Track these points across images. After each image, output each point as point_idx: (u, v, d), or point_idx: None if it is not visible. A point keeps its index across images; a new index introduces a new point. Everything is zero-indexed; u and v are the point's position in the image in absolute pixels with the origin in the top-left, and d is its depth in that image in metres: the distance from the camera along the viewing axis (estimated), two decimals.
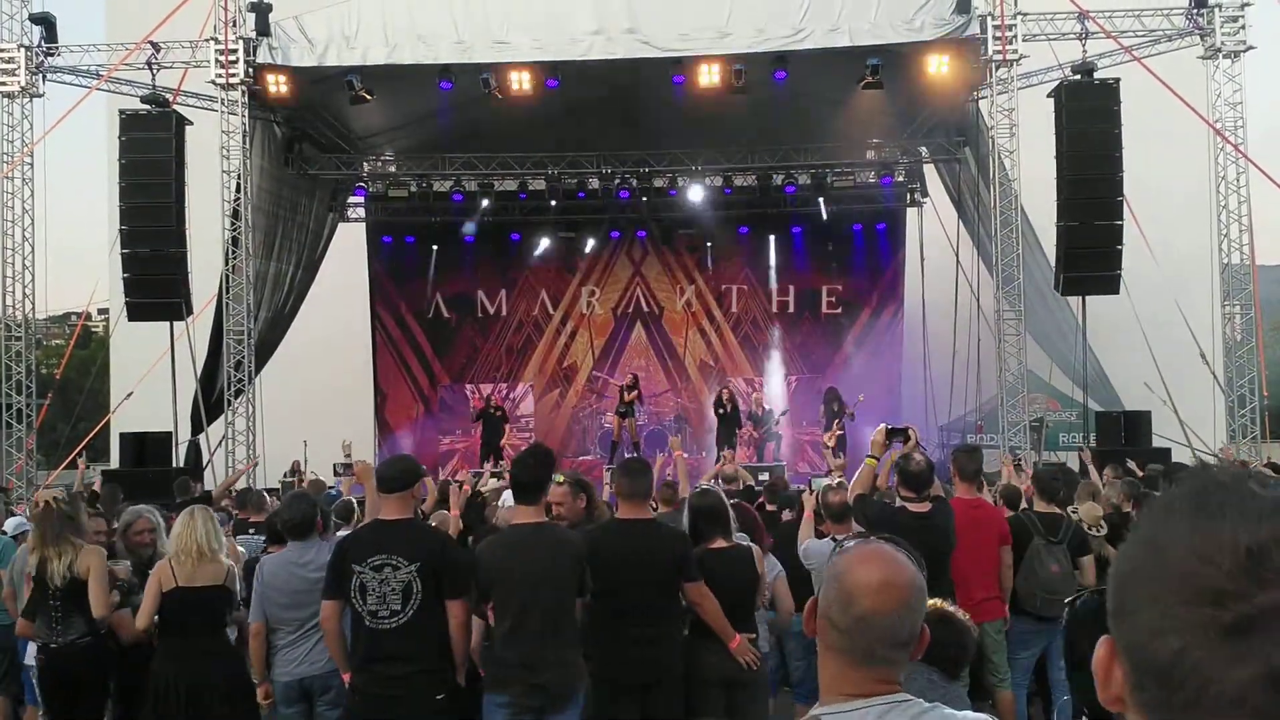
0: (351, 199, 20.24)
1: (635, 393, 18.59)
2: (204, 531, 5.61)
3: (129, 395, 16.80)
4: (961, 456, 7.07)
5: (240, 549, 7.14)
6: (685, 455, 9.28)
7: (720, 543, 5.62)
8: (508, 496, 9.21)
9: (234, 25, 14.58)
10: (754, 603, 5.74)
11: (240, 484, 11.77)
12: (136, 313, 15.22)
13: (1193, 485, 0.90)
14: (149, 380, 15.93)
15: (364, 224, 20.80)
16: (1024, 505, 7.54)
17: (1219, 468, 0.92)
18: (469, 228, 19.91)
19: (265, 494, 10.09)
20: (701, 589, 5.22)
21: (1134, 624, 0.86)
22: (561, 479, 5.69)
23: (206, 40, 14.76)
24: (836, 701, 1.84)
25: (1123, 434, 14.64)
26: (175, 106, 15.08)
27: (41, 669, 6.00)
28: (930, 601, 2.16)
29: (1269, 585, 0.80)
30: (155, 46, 14.98)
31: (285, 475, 15.59)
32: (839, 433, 17.40)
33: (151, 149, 14.65)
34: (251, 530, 8.27)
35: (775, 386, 21.04)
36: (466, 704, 5.09)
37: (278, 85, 14.78)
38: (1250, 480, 0.88)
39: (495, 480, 10.26)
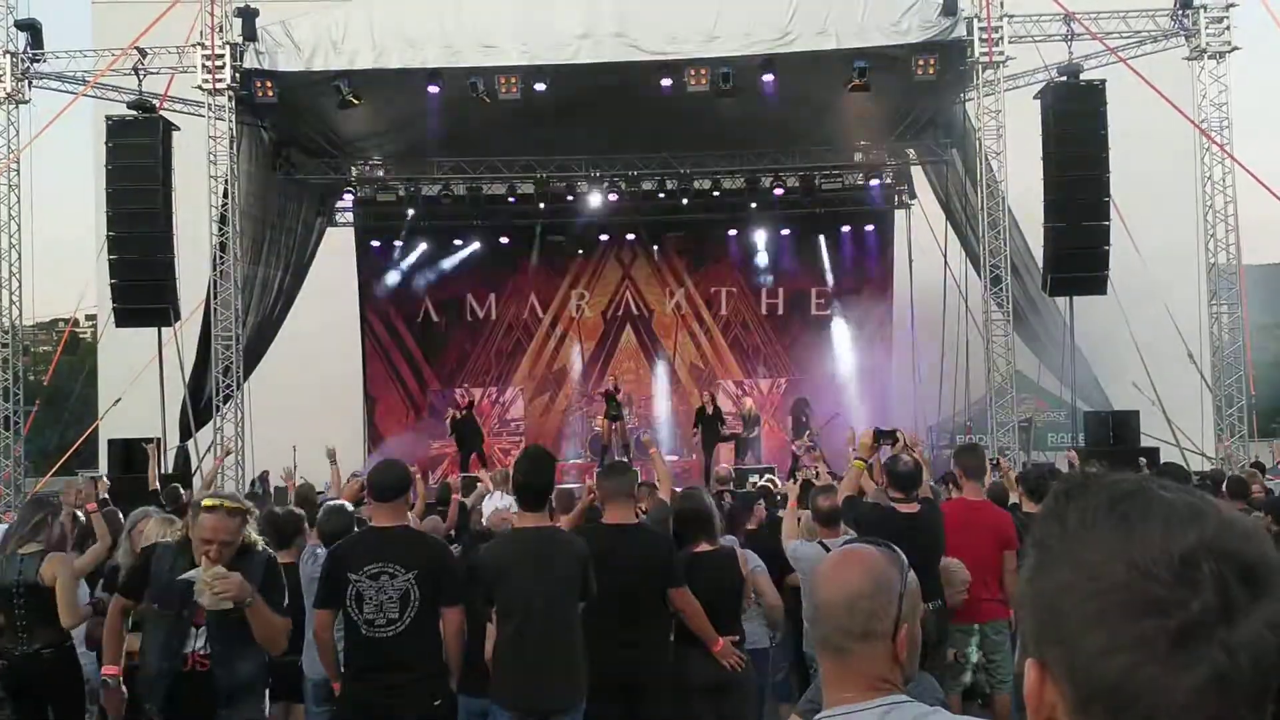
0: (340, 203, 20.21)
1: (621, 393, 18.59)
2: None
3: (117, 401, 16.73)
4: (966, 456, 7.04)
5: None
6: (676, 458, 9.29)
7: (704, 545, 5.62)
8: (492, 500, 9.24)
9: (221, 30, 14.55)
10: (739, 606, 5.73)
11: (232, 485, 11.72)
12: (124, 318, 15.18)
13: (1102, 497, 0.90)
14: (137, 386, 15.88)
15: (352, 228, 20.77)
16: (1011, 504, 7.54)
17: (1108, 476, 0.93)
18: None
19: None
20: (685, 594, 5.21)
21: (1076, 646, 0.85)
22: (215, 504, 4.52)
23: (193, 46, 14.72)
24: (837, 704, 1.87)
25: (1111, 434, 14.68)
26: (162, 112, 15.05)
27: (4, 677, 5.89)
28: None
29: (1201, 589, 0.81)
30: (142, 52, 14.94)
31: (254, 484, 15.24)
32: (808, 444, 17.33)
33: (138, 155, 14.62)
34: None
35: (764, 388, 21.12)
36: (456, 710, 5.09)
37: (265, 90, 14.75)
38: (1149, 484, 0.90)
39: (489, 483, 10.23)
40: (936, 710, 1.86)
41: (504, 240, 20.89)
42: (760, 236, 20.91)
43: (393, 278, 21.21)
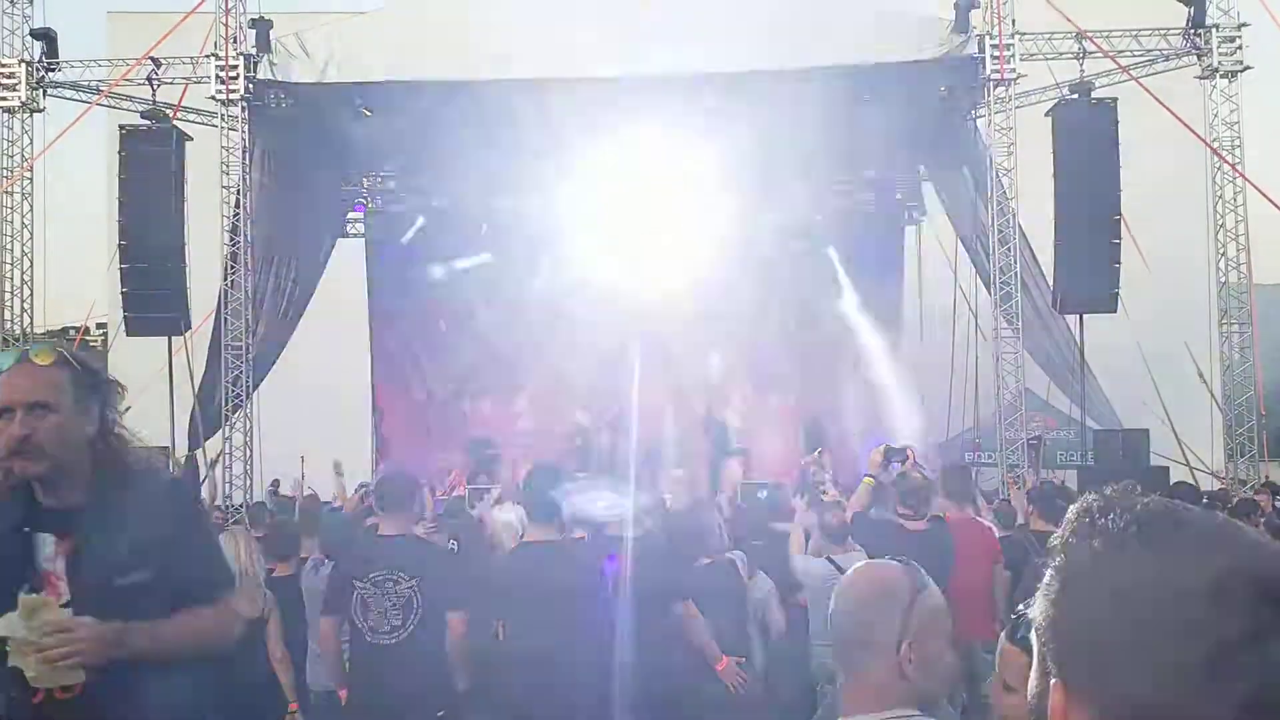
0: (351, 215, 20.26)
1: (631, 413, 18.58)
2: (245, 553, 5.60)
3: (127, 409, 16.69)
4: (952, 476, 7.07)
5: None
6: (681, 471, 9.27)
7: (703, 560, 5.62)
8: (495, 513, 9.23)
9: (235, 41, 14.62)
10: (743, 618, 5.71)
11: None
12: (135, 327, 15.22)
13: (1130, 520, 0.90)
14: (146, 394, 15.86)
15: (363, 239, 20.81)
16: (1020, 523, 7.54)
17: (1132, 499, 0.93)
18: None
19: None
20: (689, 609, 5.21)
21: (1106, 669, 0.85)
22: None
23: (207, 56, 14.80)
24: (853, 717, 1.88)
25: (1120, 452, 14.62)
26: (175, 122, 15.12)
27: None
28: None
29: (1234, 612, 0.81)
30: (156, 62, 15.01)
31: (273, 488, 15.24)
32: (820, 461, 17.24)
33: (152, 164, 14.67)
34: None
35: (771, 403, 21.08)
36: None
37: (278, 101, 14.81)
38: (1176, 507, 0.90)
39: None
40: None
41: (514, 252, 20.87)
42: (769, 251, 20.84)
43: (402, 289, 21.21)
